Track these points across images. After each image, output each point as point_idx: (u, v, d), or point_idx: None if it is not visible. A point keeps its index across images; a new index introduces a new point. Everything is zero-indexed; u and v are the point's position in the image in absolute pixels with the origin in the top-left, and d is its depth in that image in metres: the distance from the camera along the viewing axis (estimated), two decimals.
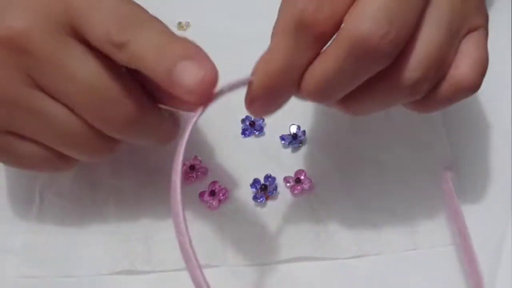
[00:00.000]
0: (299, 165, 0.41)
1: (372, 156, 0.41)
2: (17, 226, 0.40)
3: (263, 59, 0.31)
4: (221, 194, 0.40)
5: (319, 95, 0.31)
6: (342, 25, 0.29)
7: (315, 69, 0.30)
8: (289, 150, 0.42)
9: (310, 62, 0.30)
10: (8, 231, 0.40)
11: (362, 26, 0.28)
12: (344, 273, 0.38)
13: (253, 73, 0.31)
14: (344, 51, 0.29)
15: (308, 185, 0.40)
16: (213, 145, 0.42)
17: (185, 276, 0.38)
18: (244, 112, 0.43)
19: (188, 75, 0.30)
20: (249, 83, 0.32)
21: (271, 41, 0.31)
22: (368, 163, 0.41)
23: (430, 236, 0.38)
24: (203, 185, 0.41)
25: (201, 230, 0.39)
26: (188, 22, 0.49)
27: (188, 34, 0.49)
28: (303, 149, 0.42)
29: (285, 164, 0.41)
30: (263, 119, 0.43)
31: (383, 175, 0.40)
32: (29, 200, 0.40)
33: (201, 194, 0.40)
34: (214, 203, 0.40)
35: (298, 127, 0.42)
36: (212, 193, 0.40)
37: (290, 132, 0.42)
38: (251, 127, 0.43)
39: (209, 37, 0.48)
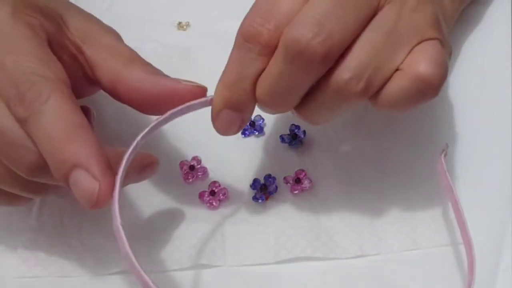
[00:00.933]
0: (299, 165, 0.41)
1: (372, 156, 0.41)
2: (17, 226, 0.40)
3: (222, 76, 0.33)
4: (221, 194, 0.40)
5: (270, 102, 0.33)
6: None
7: (262, 77, 0.32)
8: (289, 150, 0.42)
9: (260, 73, 0.32)
10: (8, 231, 0.40)
11: (295, 29, 0.30)
12: (344, 273, 0.38)
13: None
14: (281, 55, 0.31)
15: (308, 185, 0.40)
16: (213, 145, 0.42)
17: (185, 276, 0.38)
18: None
19: (81, 187, 0.30)
20: (211, 102, 0.33)
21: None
22: (368, 163, 0.41)
23: (430, 236, 0.38)
24: (203, 185, 0.41)
25: (201, 230, 0.39)
26: (188, 22, 0.49)
27: (188, 34, 0.49)
28: (303, 149, 0.42)
29: (285, 164, 0.41)
30: (263, 119, 0.43)
31: (383, 175, 0.40)
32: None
33: (201, 194, 0.40)
34: (214, 203, 0.40)
35: (298, 127, 0.42)
36: (212, 193, 0.40)
37: (290, 132, 0.42)
38: (251, 127, 0.43)
39: (209, 37, 0.48)
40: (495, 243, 0.38)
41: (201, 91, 0.34)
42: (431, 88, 0.31)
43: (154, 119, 0.34)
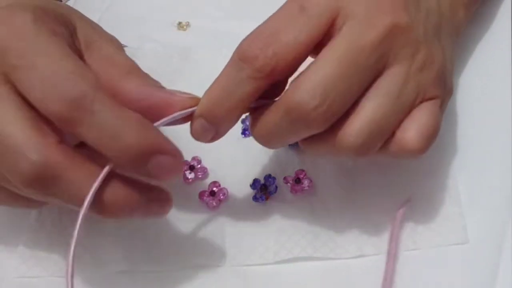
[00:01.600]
0: (299, 165, 0.41)
1: (372, 156, 0.41)
2: (17, 226, 0.40)
3: (210, 86, 0.34)
4: (221, 194, 0.40)
5: (263, 142, 0.34)
6: (286, 88, 0.33)
7: (261, 122, 0.34)
8: (289, 150, 0.42)
9: (247, 96, 0.32)
10: (8, 231, 0.40)
11: (299, 95, 0.31)
12: (344, 273, 0.38)
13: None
14: (281, 113, 0.32)
15: (308, 185, 0.40)
16: (213, 145, 0.42)
17: (185, 276, 0.38)
18: None
19: (166, 168, 0.32)
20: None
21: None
22: (368, 163, 0.41)
23: (430, 236, 0.38)
24: (203, 185, 0.41)
25: (201, 230, 0.39)
26: (188, 22, 0.49)
27: (188, 34, 0.49)
28: (303, 149, 0.42)
29: (285, 164, 0.41)
30: None
31: (383, 175, 0.40)
32: None
33: (201, 194, 0.40)
34: (214, 203, 0.40)
35: None
36: (212, 193, 0.40)
37: None
38: None
39: (209, 37, 0.48)
40: (495, 243, 0.38)
41: (195, 102, 0.34)
42: (417, 155, 0.33)
43: None
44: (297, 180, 0.40)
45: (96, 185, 0.31)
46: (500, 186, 0.39)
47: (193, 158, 0.42)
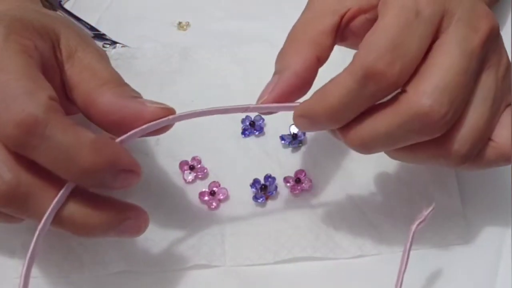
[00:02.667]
0: (299, 165, 0.41)
1: (372, 156, 0.41)
2: (16, 226, 0.40)
3: (322, 88, 0.32)
4: (221, 194, 0.40)
5: (360, 148, 0.32)
6: (404, 93, 0.31)
7: (365, 125, 0.32)
8: (289, 150, 0.42)
9: (361, 110, 0.31)
10: (8, 232, 0.40)
11: (425, 102, 0.30)
12: (344, 273, 0.38)
13: (259, 98, 0.34)
14: (401, 120, 0.30)
15: (308, 185, 0.40)
16: (213, 145, 0.42)
17: (185, 276, 0.38)
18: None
19: (130, 183, 0.33)
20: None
21: (335, 77, 0.31)
22: (368, 163, 0.41)
23: (431, 236, 0.38)
24: (203, 185, 0.41)
25: (201, 230, 0.39)
26: (188, 22, 0.49)
27: (188, 34, 0.49)
28: (303, 149, 0.42)
29: (285, 164, 0.41)
30: (263, 119, 0.43)
31: (383, 175, 0.40)
32: None
33: (201, 194, 0.40)
34: (214, 203, 0.40)
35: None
36: (212, 193, 0.40)
37: (290, 132, 0.42)
38: (251, 127, 0.43)
39: (209, 37, 0.48)
40: (495, 243, 0.38)
41: (166, 113, 0.33)
42: (507, 163, 0.34)
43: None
44: (297, 180, 0.40)
45: (52, 206, 0.31)
46: (500, 186, 0.39)
47: (193, 158, 0.42)
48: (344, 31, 0.34)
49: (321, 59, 0.33)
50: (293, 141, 0.42)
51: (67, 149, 0.30)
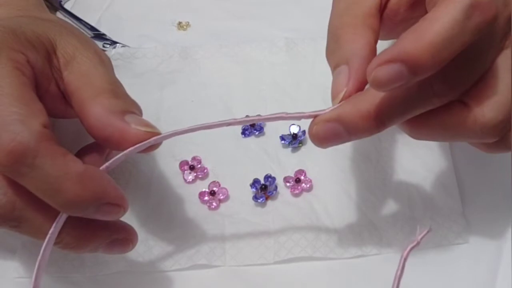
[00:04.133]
0: (299, 165, 0.41)
1: (372, 156, 0.41)
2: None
3: (413, 29, 0.28)
4: (221, 194, 0.40)
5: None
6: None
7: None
8: (289, 150, 0.42)
9: (463, 47, 0.28)
10: (9, 232, 0.40)
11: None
12: (344, 273, 0.38)
13: (334, 98, 0.31)
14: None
15: (308, 185, 0.40)
16: (213, 145, 0.42)
17: (185, 276, 0.38)
18: (244, 112, 0.43)
19: (111, 216, 0.32)
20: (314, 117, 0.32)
21: (429, 14, 0.28)
22: (368, 163, 0.41)
23: (430, 236, 0.38)
24: (203, 185, 0.41)
25: (201, 230, 0.39)
26: (188, 22, 0.49)
27: (188, 34, 0.49)
28: (303, 149, 0.42)
29: (285, 164, 0.41)
30: None
31: (383, 175, 0.40)
32: None
33: (201, 194, 0.40)
34: (214, 203, 0.40)
35: (298, 127, 0.42)
36: (212, 193, 0.40)
37: (290, 132, 0.42)
38: (251, 127, 0.43)
39: (209, 37, 0.48)
40: (495, 243, 0.38)
41: (149, 136, 0.33)
42: None
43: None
44: (297, 180, 0.40)
45: (51, 231, 0.32)
46: (500, 186, 0.39)
47: (193, 158, 0.42)
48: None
49: (376, 42, 0.31)
50: (293, 141, 0.42)
51: (54, 179, 0.30)
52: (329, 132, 0.30)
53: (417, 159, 0.41)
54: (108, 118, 0.33)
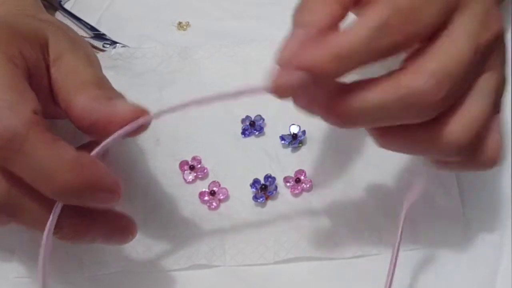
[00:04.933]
0: (299, 165, 0.41)
1: (372, 156, 0.41)
2: (16, 226, 0.40)
3: (332, 35, 0.28)
4: (221, 194, 0.40)
5: (344, 119, 0.30)
6: (404, 70, 0.29)
7: (356, 94, 0.29)
8: (289, 150, 0.42)
9: (365, 64, 0.29)
10: (8, 231, 0.40)
11: (426, 81, 0.28)
12: (344, 273, 0.38)
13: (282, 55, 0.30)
14: (397, 95, 0.29)
15: (308, 185, 0.40)
16: (213, 145, 0.42)
17: (185, 276, 0.38)
18: (244, 112, 0.43)
19: (104, 203, 0.32)
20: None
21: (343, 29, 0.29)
22: (368, 163, 0.41)
23: (431, 236, 0.38)
24: (203, 185, 0.41)
25: (201, 230, 0.39)
26: (188, 22, 0.49)
27: (188, 34, 0.49)
28: (303, 149, 0.42)
29: (285, 164, 0.41)
30: (263, 119, 0.43)
31: (383, 175, 0.40)
32: None
33: (201, 194, 0.40)
34: (214, 203, 0.40)
35: (298, 127, 0.42)
36: (212, 193, 0.40)
37: (290, 132, 0.42)
38: (251, 127, 0.43)
39: (209, 37, 0.48)
40: (495, 243, 0.38)
41: (138, 114, 0.32)
42: (491, 168, 0.33)
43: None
44: (297, 180, 0.40)
45: (50, 220, 0.31)
46: (500, 186, 0.39)
47: (193, 158, 0.42)
48: None
49: (343, 16, 0.30)
50: (293, 141, 0.42)
51: (46, 166, 0.29)
52: (294, 81, 0.28)
53: (417, 159, 0.41)
54: (93, 104, 0.32)
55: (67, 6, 0.51)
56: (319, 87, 0.29)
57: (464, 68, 0.29)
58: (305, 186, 0.40)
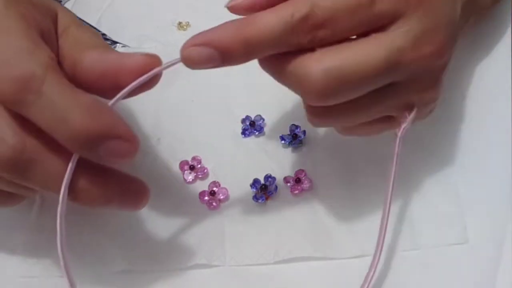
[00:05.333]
0: (299, 165, 0.41)
1: (372, 156, 0.41)
2: (17, 226, 0.40)
3: (249, 19, 0.30)
4: (221, 194, 0.40)
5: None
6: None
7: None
8: (289, 150, 0.42)
9: (274, 52, 0.31)
10: (9, 231, 0.40)
11: (315, 72, 0.30)
12: (344, 273, 0.38)
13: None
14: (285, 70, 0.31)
15: (308, 185, 0.40)
16: (213, 145, 0.42)
17: (185, 275, 0.38)
18: (244, 112, 0.43)
19: (118, 152, 0.31)
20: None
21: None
22: (368, 162, 0.41)
23: (431, 236, 0.38)
24: (203, 185, 0.41)
25: (201, 230, 0.39)
26: (188, 22, 0.49)
27: (188, 34, 0.49)
28: (303, 149, 0.42)
29: (285, 164, 0.41)
30: (263, 119, 0.43)
31: (383, 175, 0.40)
32: (30, 200, 0.40)
33: (201, 194, 0.40)
34: (214, 203, 0.40)
35: (298, 127, 0.42)
36: (212, 193, 0.40)
37: (290, 132, 0.42)
38: (251, 127, 0.43)
39: None
40: (495, 243, 0.38)
41: (150, 61, 0.32)
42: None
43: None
44: (297, 180, 0.40)
45: (68, 170, 0.31)
46: (500, 186, 0.39)
47: (193, 158, 0.42)
48: None
49: None
50: (293, 141, 0.42)
51: (62, 108, 0.29)
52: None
53: (417, 159, 0.41)
54: (103, 55, 0.33)
55: (67, 6, 0.51)
56: None
57: (368, 77, 0.30)
58: (305, 186, 0.40)
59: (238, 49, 0.30)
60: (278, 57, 0.31)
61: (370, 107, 0.33)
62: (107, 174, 0.33)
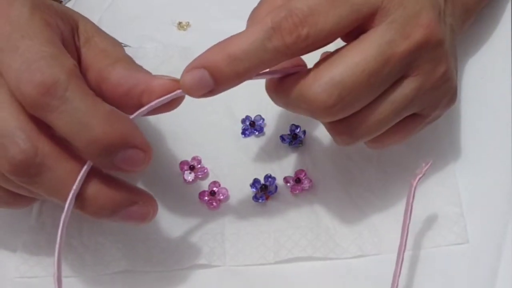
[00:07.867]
0: (299, 165, 0.41)
1: (372, 156, 0.41)
2: (17, 226, 0.40)
3: (227, 40, 0.32)
4: (221, 194, 0.40)
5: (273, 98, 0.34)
6: (309, 74, 0.32)
7: (274, 86, 0.33)
8: (289, 150, 0.42)
9: (264, 65, 0.31)
10: (9, 231, 0.40)
11: (316, 89, 0.31)
12: (344, 273, 0.38)
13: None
14: (294, 96, 0.32)
15: (308, 185, 0.40)
16: (213, 145, 0.42)
17: (185, 276, 0.38)
18: (244, 112, 0.43)
19: (133, 161, 0.32)
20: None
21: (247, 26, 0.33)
22: (368, 163, 0.41)
23: (431, 236, 0.38)
24: (203, 185, 0.41)
25: (201, 230, 0.39)
26: (188, 22, 0.49)
27: (188, 34, 0.49)
28: (303, 149, 0.42)
29: (285, 164, 0.41)
30: (263, 119, 0.43)
31: (383, 175, 0.40)
32: None
33: (201, 194, 0.40)
34: (214, 203, 0.40)
35: (298, 127, 0.42)
36: (212, 193, 0.40)
37: (290, 132, 0.42)
38: (251, 127, 0.43)
39: (209, 37, 0.48)
40: (495, 243, 0.38)
41: (175, 85, 0.33)
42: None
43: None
44: (297, 180, 0.40)
45: (79, 178, 0.31)
46: (500, 186, 0.39)
47: (193, 158, 0.42)
48: None
49: None
50: (293, 141, 0.42)
51: (84, 115, 0.30)
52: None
53: (417, 159, 0.41)
54: (131, 71, 0.33)
55: (67, 6, 0.51)
56: None
57: (367, 77, 0.31)
58: (305, 186, 0.40)
59: (225, 66, 0.31)
60: (282, 87, 0.33)
61: (386, 108, 0.33)
62: (116, 184, 0.33)
